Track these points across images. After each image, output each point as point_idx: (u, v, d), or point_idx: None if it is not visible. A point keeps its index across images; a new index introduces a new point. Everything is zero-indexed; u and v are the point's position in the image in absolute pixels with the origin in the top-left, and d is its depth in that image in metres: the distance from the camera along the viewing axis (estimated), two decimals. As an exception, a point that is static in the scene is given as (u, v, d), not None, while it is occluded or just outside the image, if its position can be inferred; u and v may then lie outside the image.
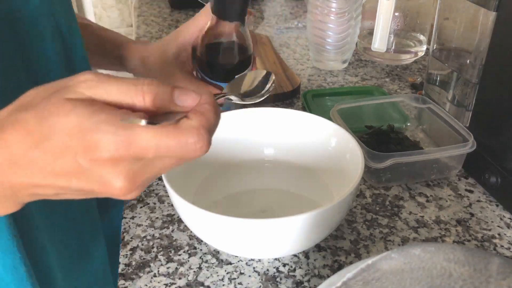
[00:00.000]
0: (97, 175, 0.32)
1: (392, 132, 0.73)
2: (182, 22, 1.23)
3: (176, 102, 0.34)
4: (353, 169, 0.54)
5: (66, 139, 0.31)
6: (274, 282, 0.51)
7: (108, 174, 0.31)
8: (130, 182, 0.32)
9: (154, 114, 0.33)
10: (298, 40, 1.13)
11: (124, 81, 0.32)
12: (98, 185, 0.32)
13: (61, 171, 0.32)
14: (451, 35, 0.72)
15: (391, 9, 0.83)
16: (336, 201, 0.47)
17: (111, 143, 0.30)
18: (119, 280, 0.52)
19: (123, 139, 0.30)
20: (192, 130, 0.32)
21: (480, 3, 0.62)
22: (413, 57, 1.00)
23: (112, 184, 0.32)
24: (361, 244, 0.56)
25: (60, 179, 0.32)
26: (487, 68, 0.63)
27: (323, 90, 0.89)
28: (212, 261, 0.54)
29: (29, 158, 0.32)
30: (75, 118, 0.31)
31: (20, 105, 0.33)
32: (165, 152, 0.32)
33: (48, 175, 0.32)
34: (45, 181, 0.33)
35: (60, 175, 0.32)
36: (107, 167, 0.31)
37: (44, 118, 0.31)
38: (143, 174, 0.33)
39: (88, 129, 0.30)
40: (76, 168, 0.31)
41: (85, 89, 0.32)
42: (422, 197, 0.64)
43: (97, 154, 0.31)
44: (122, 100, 0.32)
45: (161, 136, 0.31)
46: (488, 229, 0.59)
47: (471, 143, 0.63)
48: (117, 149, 0.30)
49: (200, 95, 0.34)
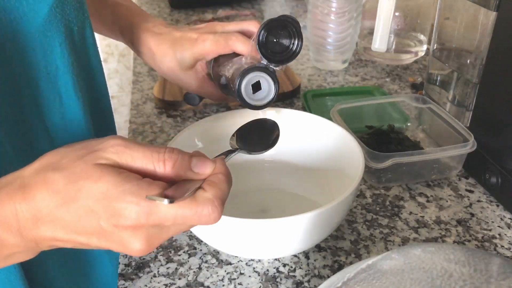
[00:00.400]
0: (118, 238, 0.35)
1: (392, 132, 0.73)
2: (182, 22, 1.23)
3: (194, 170, 0.37)
4: (353, 169, 0.54)
5: (92, 204, 0.34)
6: (274, 282, 0.51)
7: (128, 238, 0.34)
8: (147, 244, 0.35)
9: (173, 180, 0.36)
10: (298, 40, 1.13)
11: (148, 148, 0.36)
12: (117, 245, 0.35)
13: (84, 230, 0.34)
14: (451, 35, 0.72)
15: (391, 9, 0.83)
16: (336, 201, 0.47)
17: (134, 212, 0.33)
18: (119, 280, 0.52)
19: (145, 210, 0.33)
20: (207, 202, 0.35)
21: (480, 3, 0.62)
22: (413, 57, 0.99)
23: (131, 246, 0.35)
24: (361, 244, 0.56)
25: (81, 237, 0.35)
26: (488, 68, 0.63)
27: (323, 90, 0.89)
28: (212, 261, 0.54)
29: (55, 216, 0.34)
30: (103, 185, 0.33)
31: (48, 165, 0.35)
32: (181, 221, 0.35)
33: (71, 232, 0.35)
34: (67, 237, 0.35)
35: (82, 233, 0.35)
36: (128, 232, 0.34)
37: (73, 181, 0.34)
38: (159, 237, 0.36)
39: (115, 198, 0.33)
40: (98, 230, 0.34)
41: (113, 155, 0.35)
42: (422, 197, 0.64)
43: (120, 221, 0.33)
44: (145, 166, 0.35)
45: (178, 207, 0.34)
46: (489, 229, 0.59)
47: (472, 143, 0.63)
48: (138, 218, 0.33)
49: (215, 163, 0.38)
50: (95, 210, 0.33)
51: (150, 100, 0.87)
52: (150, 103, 0.86)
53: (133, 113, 0.83)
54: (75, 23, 0.48)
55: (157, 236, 0.35)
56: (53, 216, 0.34)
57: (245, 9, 1.34)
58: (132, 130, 0.79)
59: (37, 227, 0.34)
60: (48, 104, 0.47)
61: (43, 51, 0.45)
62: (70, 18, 0.47)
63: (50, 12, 0.43)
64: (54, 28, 0.45)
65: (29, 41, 0.43)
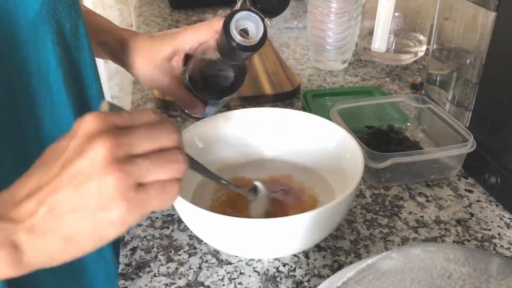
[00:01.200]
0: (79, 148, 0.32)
1: (392, 132, 0.73)
2: (182, 22, 1.23)
3: None
4: (353, 169, 0.54)
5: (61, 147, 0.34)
6: (274, 282, 0.51)
7: (88, 144, 0.32)
8: (110, 145, 0.32)
9: None
10: (298, 40, 1.13)
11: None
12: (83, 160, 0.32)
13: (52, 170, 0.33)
14: (451, 35, 0.72)
15: (391, 9, 0.83)
16: (336, 201, 0.47)
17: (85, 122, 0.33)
18: (119, 280, 0.52)
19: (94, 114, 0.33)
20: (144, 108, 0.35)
21: (480, 3, 0.62)
22: (413, 57, 1.00)
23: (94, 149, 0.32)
24: (361, 244, 0.56)
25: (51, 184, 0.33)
26: (487, 68, 0.63)
27: (323, 90, 0.89)
28: (212, 261, 0.54)
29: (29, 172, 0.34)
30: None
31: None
32: (133, 115, 0.34)
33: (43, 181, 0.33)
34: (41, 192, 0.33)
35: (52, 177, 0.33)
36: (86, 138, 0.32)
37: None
38: (121, 140, 0.32)
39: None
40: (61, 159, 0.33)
41: None
42: (422, 197, 0.64)
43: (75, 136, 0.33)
44: None
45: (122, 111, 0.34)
46: (488, 229, 0.59)
47: (471, 143, 0.63)
48: (91, 121, 0.33)
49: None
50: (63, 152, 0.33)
51: (150, 100, 0.87)
52: (151, 103, 0.86)
53: (133, 113, 0.83)
54: (67, 19, 0.48)
55: (123, 133, 0.33)
56: (27, 174, 0.34)
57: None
58: (132, 130, 0.79)
59: (13, 195, 0.33)
60: (39, 99, 0.47)
61: (35, 46, 0.45)
62: (63, 15, 0.47)
63: (41, 7, 0.44)
64: (45, 24, 0.45)
65: (20, 36, 0.43)
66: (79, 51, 0.52)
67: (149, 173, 0.33)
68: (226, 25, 0.51)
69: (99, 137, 0.32)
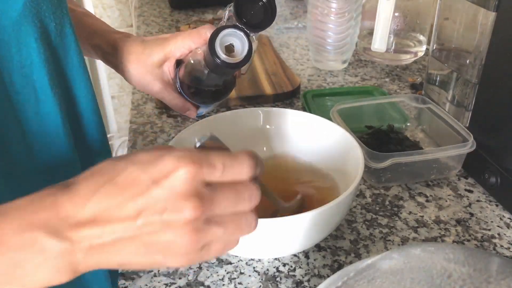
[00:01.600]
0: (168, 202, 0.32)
1: (392, 132, 0.73)
2: (182, 22, 1.23)
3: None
4: (353, 169, 0.54)
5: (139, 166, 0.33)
6: (274, 282, 0.51)
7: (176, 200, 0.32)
8: (201, 203, 0.32)
9: None
10: (298, 40, 1.13)
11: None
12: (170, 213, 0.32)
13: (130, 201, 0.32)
14: (451, 35, 0.72)
15: (391, 9, 0.83)
16: (336, 201, 0.47)
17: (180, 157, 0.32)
18: (119, 280, 0.52)
19: (194, 155, 0.33)
20: (243, 152, 0.35)
21: (480, 3, 0.62)
22: (413, 57, 1.00)
23: (184, 208, 0.32)
24: (361, 244, 0.56)
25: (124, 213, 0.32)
26: (487, 68, 0.63)
27: (323, 90, 0.89)
28: (212, 261, 0.54)
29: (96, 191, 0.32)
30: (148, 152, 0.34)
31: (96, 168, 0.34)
32: (229, 165, 0.34)
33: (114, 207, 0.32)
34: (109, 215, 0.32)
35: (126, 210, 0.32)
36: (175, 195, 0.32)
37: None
38: (212, 199, 0.33)
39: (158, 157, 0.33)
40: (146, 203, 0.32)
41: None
42: (422, 197, 0.64)
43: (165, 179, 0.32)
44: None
45: (224, 154, 0.34)
46: (488, 229, 0.59)
47: (471, 143, 0.63)
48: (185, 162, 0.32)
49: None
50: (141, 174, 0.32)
51: (150, 100, 0.87)
52: (151, 103, 0.86)
53: (134, 113, 0.84)
54: (52, 19, 0.48)
55: (210, 197, 0.33)
56: (94, 191, 0.32)
57: (245, 9, 1.33)
58: (133, 130, 0.79)
59: (75, 212, 0.32)
60: (22, 98, 0.46)
61: (17, 45, 0.44)
62: (47, 14, 0.47)
63: (24, 6, 0.43)
64: (29, 23, 0.44)
65: (2, 36, 0.43)
66: (65, 50, 0.51)
67: (218, 238, 0.34)
68: (211, 42, 0.52)
69: (188, 201, 0.32)
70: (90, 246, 0.32)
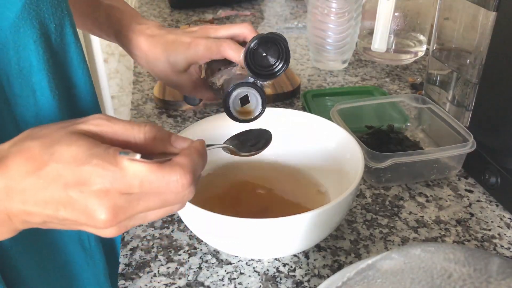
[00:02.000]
0: (83, 206, 0.33)
1: (392, 132, 0.73)
2: (182, 22, 1.23)
3: (173, 144, 0.37)
4: (353, 169, 0.54)
5: (62, 168, 0.33)
6: (274, 282, 0.51)
7: (93, 205, 0.33)
8: (113, 215, 0.33)
9: (150, 153, 0.36)
10: (298, 40, 1.13)
11: (130, 122, 0.36)
12: (83, 216, 0.34)
13: (51, 198, 0.33)
14: (451, 35, 0.72)
15: (391, 9, 0.83)
16: (336, 201, 0.47)
17: (99, 176, 0.33)
18: (119, 280, 0.52)
19: (111, 174, 0.33)
20: (176, 168, 0.34)
21: (480, 3, 0.62)
22: (413, 57, 1.00)
23: (96, 215, 0.33)
24: (361, 244, 0.56)
25: (49, 208, 0.34)
26: (487, 68, 0.63)
27: (323, 90, 0.89)
28: (212, 261, 0.54)
29: (24, 184, 0.33)
30: (74, 149, 0.33)
31: (26, 136, 0.35)
32: (148, 187, 0.34)
33: (39, 202, 0.34)
34: (35, 209, 0.34)
35: (49, 203, 0.34)
36: (93, 199, 0.33)
37: (48, 146, 0.34)
38: (126, 210, 0.34)
39: (82, 161, 0.33)
40: (65, 198, 0.33)
41: (93, 126, 0.35)
42: (422, 197, 0.64)
43: (86, 186, 0.33)
44: (126, 139, 0.35)
45: (145, 172, 0.33)
46: (488, 229, 0.59)
47: (471, 143, 0.63)
48: (103, 182, 0.33)
49: (193, 142, 0.38)
50: (63, 174, 0.33)
51: (150, 100, 0.87)
52: (151, 103, 0.86)
53: (134, 113, 0.84)
54: (51, 20, 0.47)
55: (124, 209, 0.34)
56: (23, 185, 0.33)
57: (245, 9, 1.34)
58: (132, 130, 0.79)
59: (9, 198, 0.34)
60: (21, 100, 0.46)
61: (15, 47, 0.44)
62: (46, 15, 0.46)
63: (23, 8, 0.43)
64: (27, 25, 0.44)
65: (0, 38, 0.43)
66: (65, 51, 0.51)
67: (138, 219, 0.36)
68: (225, 100, 0.54)
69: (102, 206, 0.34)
70: (23, 221, 0.35)
